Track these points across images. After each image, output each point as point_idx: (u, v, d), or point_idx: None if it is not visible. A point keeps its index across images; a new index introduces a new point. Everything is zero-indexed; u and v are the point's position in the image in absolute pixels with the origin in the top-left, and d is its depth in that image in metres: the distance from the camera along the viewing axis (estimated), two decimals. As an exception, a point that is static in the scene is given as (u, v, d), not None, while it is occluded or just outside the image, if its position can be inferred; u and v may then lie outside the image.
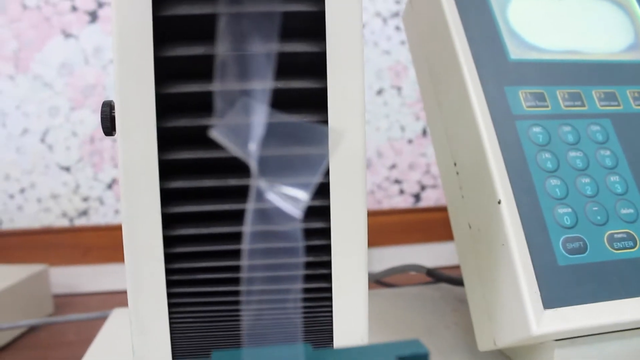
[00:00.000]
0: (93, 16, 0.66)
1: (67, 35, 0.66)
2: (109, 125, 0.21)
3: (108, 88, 0.67)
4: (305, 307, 0.23)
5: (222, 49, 0.21)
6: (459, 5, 0.36)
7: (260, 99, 0.15)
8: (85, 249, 0.67)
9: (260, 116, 0.14)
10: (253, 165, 0.14)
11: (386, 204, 0.74)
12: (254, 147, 0.14)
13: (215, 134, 0.14)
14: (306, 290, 0.23)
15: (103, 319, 0.50)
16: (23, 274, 0.54)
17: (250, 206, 0.22)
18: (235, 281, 0.23)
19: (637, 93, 0.36)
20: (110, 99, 0.67)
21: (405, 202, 0.75)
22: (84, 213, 0.68)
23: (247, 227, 0.22)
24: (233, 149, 0.14)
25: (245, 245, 0.22)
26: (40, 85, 0.66)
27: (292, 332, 0.15)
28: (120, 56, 0.21)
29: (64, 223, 0.68)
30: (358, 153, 0.23)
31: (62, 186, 0.67)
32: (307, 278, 0.23)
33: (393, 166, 0.74)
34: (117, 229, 0.68)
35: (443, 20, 0.36)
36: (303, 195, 0.14)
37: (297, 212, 0.14)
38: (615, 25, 0.39)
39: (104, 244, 0.67)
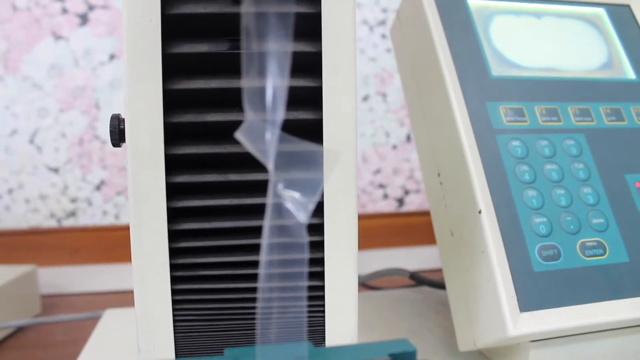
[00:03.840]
0: (83, 19, 0.66)
1: (57, 37, 0.66)
2: (117, 137, 0.22)
3: (97, 90, 0.67)
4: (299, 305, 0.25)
5: (235, 47, 0.22)
6: (444, 23, 0.38)
7: (278, 95, 0.16)
8: (73, 249, 0.68)
9: (277, 114, 0.15)
10: (269, 165, 0.15)
11: (370, 208, 0.76)
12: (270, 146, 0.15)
13: (239, 135, 0.15)
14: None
15: (92, 319, 0.51)
16: (11, 274, 0.54)
17: (256, 201, 0.23)
18: (236, 278, 0.24)
19: (609, 109, 0.39)
20: (99, 100, 0.68)
21: (389, 206, 0.77)
22: (72, 214, 0.69)
23: (252, 222, 0.23)
24: (253, 150, 0.15)
25: (248, 241, 0.23)
26: (29, 86, 0.66)
27: (296, 330, 0.16)
28: (129, 52, 0.22)
29: (52, 224, 0.68)
30: (350, 148, 0.24)
31: (51, 187, 0.68)
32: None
33: (377, 171, 0.76)
34: (105, 230, 0.69)
35: (429, 37, 0.38)
36: (310, 201, 0.16)
37: (304, 216, 0.16)
38: (590, 45, 0.42)
39: (91, 244, 0.68)
